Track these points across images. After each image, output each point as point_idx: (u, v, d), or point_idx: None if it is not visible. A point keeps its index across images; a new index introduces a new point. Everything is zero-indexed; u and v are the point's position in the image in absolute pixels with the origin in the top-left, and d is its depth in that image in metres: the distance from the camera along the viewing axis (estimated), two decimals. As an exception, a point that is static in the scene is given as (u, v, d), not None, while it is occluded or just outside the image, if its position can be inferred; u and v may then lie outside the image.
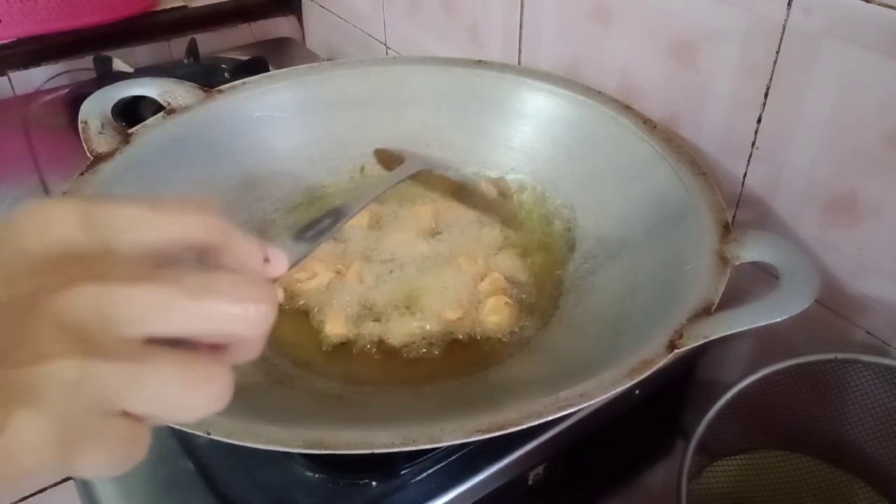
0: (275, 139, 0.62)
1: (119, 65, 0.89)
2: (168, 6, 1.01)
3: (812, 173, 0.49)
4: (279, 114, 0.62)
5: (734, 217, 0.55)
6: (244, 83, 0.62)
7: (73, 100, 0.83)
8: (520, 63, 0.71)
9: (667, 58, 0.55)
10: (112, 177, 0.52)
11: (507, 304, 0.51)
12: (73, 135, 0.59)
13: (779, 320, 0.37)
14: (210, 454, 0.44)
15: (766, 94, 0.49)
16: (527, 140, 0.61)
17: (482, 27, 0.74)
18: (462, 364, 0.49)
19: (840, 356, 0.49)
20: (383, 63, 0.67)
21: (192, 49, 0.91)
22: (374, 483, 0.43)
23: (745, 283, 0.53)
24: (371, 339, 0.50)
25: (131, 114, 0.72)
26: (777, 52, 0.47)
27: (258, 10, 1.08)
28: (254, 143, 0.61)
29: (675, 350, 0.37)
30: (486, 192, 0.59)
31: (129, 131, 0.56)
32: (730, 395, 0.50)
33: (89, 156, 0.53)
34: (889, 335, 0.49)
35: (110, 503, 0.43)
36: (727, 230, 0.44)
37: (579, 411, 0.36)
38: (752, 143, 0.52)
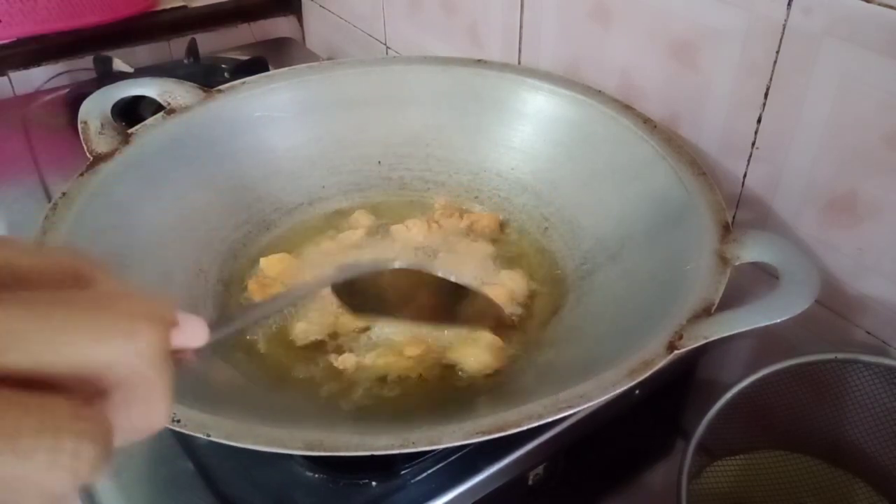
0: (275, 139, 0.62)
1: (119, 65, 0.89)
2: (168, 6, 1.01)
3: (812, 173, 0.49)
4: (279, 114, 0.62)
5: (734, 217, 0.55)
6: (244, 83, 0.62)
7: (73, 100, 0.83)
8: (520, 63, 0.71)
9: (667, 58, 0.55)
10: (112, 177, 0.52)
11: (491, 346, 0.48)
12: (73, 135, 0.58)
13: (779, 321, 0.37)
14: (210, 454, 0.44)
15: (766, 94, 0.49)
16: (527, 140, 0.61)
17: (482, 27, 0.74)
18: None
19: (840, 356, 0.49)
20: (383, 63, 0.67)
21: (192, 49, 0.91)
22: (374, 483, 0.43)
23: (745, 283, 0.53)
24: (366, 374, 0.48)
25: (131, 114, 0.72)
26: (777, 52, 0.47)
27: (258, 10, 1.08)
28: (254, 143, 0.61)
29: (675, 351, 0.37)
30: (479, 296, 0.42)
31: (129, 131, 0.56)
32: (730, 395, 0.50)
33: (89, 156, 0.53)
34: (889, 335, 0.49)
35: (110, 503, 0.43)
36: (727, 230, 0.44)
37: (579, 412, 0.36)
38: (752, 143, 0.52)
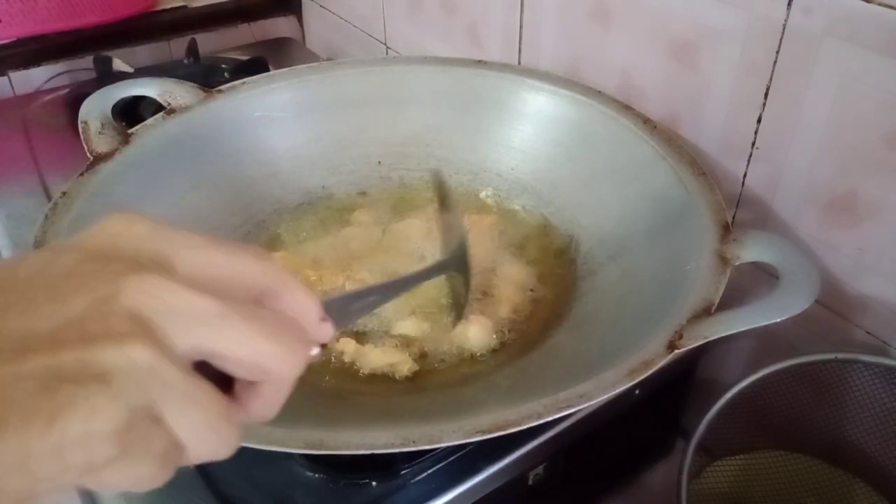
0: (275, 139, 0.62)
1: (119, 65, 0.89)
2: (168, 6, 1.01)
3: (812, 173, 0.49)
4: (279, 114, 0.62)
5: (734, 217, 0.55)
6: (244, 83, 0.62)
7: (73, 100, 0.83)
8: (520, 63, 0.71)
9: (667, 58, 0.55)
10: (112, 177, 0.52)
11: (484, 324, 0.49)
12: (73, 135, 0.58)
13: (779, 320, 0.37)
14: (210, 454, 0.44)
15: (766, 94, 0.49)
16: (527, 140, 0.61)
17: (482, 27, 0.74)
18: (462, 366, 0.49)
19: (840, 356, 0.49)
20: (383, 63, 0.67)
21: (192, 49, 0.91)
22: (374, 483, 0.43)
23: (745, 283, 0.53)
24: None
25: (131, 114, 0.72)
26: (777, 52, 0.47)
27: (258, 10, 1.08)
28: (254, 143, 0.61)
29: (675, 350, 0.37)
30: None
31: (129, 131, 0.56)
32: (730, 395, 0.50)
33: (89, 156, 0.53)
34: (889, 335, 0.49)
35: (110, 503, 0.43)
36: (727, 230, 0.44)
37: (579, 411, 0.36)
38: (752, 143, 0.52)
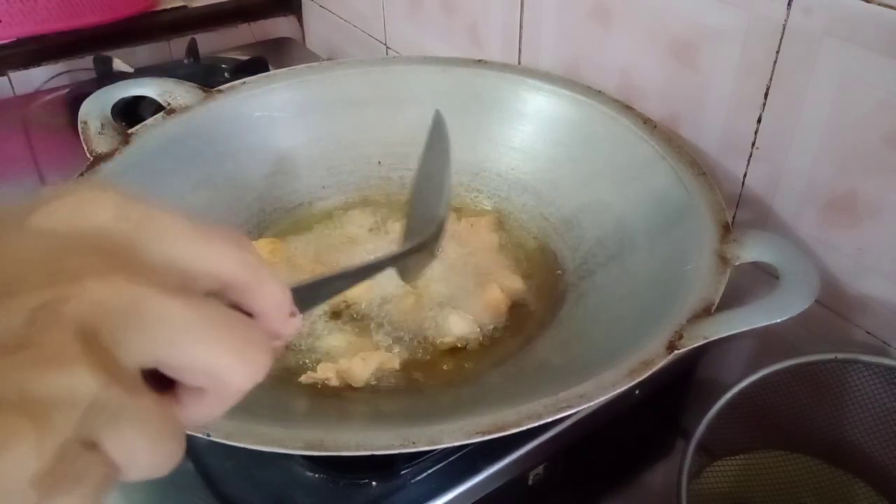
0: (275, 139, 0.62)
1: (119, 65, 0.89)
2: (168, 6, 1.01)
3: (812, 173, 0.49)
4: (279, 114, 0.62)
5: (734, 217, 0.55)
6: (244, 83, 0.62)
7: (73, 100, 0.83)
8: (520, 63, 0.71)
9: (667, 58, 0.55)
10: (112, 177, 0.52)
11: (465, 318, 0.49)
12: (73, 135, 0.58)
13: (779, 321, 0.37)
14: (210, 454, 0.44)
15: (766, 94, 0.49)
16: (527, 140, 0.61)
17: (482, 27, 0.74)
18: (461, 366, 0.49)
19: (840, 356, 0.49)
20: (383, 63, 0.67)
21: (192, 49, 0.91)
22: (374, 483, 0.43)
23: (745, 283, 0.53)
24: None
25: (131, 114, 0.72)
26: (777, 52, 0.47)
27: (258, 10, 1.08)
28: (254, 143, 0.61)
29: (675, 351, 0.37)
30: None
31: (129, 131, 0.56)
32: (730, 395, 0.50)
33: (89, 156, 0.53)
34: (889, 335, 0.49)
35: (110, 503, 0.43)
36: (727, 230, 0.44)
37: (579, 412, 0.36)
38: (752, 143, 0.52)
